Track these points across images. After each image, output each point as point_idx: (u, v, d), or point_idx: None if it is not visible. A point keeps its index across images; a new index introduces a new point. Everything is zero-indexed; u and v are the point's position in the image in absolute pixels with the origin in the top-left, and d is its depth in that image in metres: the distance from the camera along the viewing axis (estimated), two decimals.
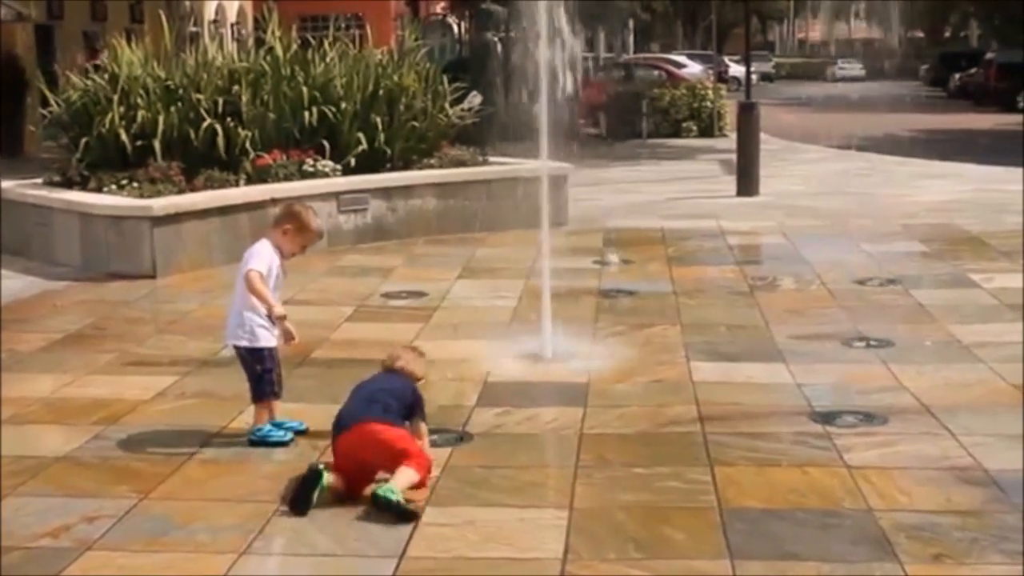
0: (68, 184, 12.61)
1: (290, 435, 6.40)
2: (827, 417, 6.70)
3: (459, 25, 37.31)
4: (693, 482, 5.76)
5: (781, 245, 13.05)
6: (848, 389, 7.31)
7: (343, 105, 13.27)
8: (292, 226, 6.41)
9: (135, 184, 11.85)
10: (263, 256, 6.34)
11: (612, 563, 4.90)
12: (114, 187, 11.91)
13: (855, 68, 75.08)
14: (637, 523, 5.28)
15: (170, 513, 5.47)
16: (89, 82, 13.17)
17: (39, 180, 13.07)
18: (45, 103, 13.62)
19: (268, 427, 6.38)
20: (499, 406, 7.01)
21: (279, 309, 6.23)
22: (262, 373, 6.36)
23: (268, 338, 6.36)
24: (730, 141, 22.80)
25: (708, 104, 29.52)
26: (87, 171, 12.50)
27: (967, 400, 7.08)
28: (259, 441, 6.34)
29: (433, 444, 6.21)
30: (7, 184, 13.45)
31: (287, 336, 6.32)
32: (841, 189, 18.04)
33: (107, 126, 12.52)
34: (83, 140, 12.64)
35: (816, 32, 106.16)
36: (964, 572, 4.80)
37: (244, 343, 6.37)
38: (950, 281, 10.65)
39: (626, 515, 5.37)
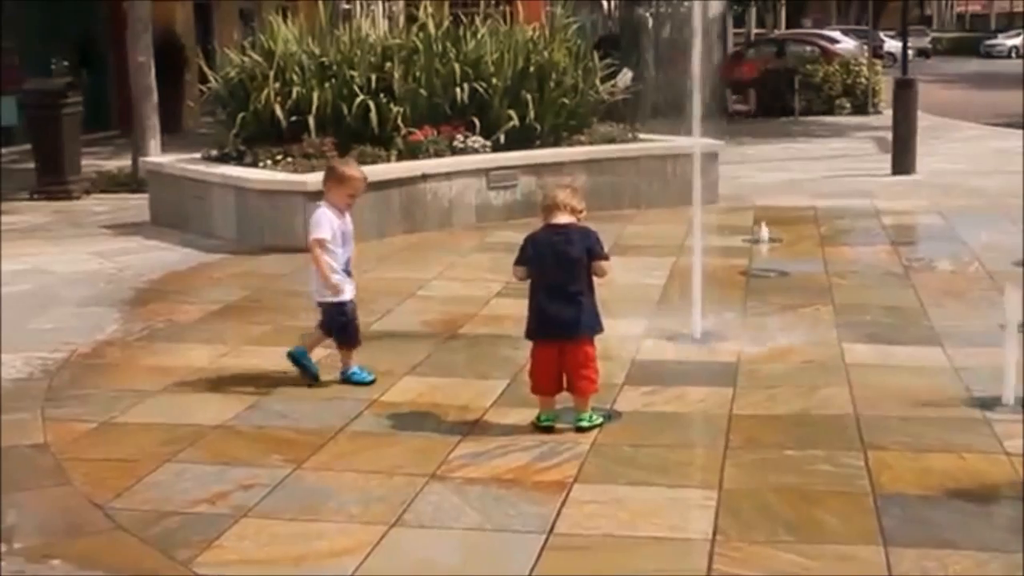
0: (225, 159, 12.90)
1: (373, 376, 7.05)
2: (986, 403, 6.52)
3: (609, 1, 37.11)
4: (846, 466, 5.65)
5: (937, 225, 12.75)
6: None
7: (494, 82, 13.31)
8: (332, 182, 6.99)
9: (289, 159, 12.06)
10: (320, 223, 6.88)
11: (762, 545, 4.84)
12: (269, 162, 12.14)
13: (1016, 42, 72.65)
14: (788, 506, 5.20)
15: (323, 483, 5.57)
16: (246, 59, 13.43)
17: (197, 155, 13.40)
18: (204, 79, 13.91)
19: (356, 368, 7.05)
20: (647, 385, 6.98)
21: (335, 279, 6.84)
22: (346, 324, 6.99)
23: (349, 291, 7.00)
24: (885, 118, 22.33)
25: (863, 80, 28.92)
26: (243, 146, 12.76)
27: None
28: (348, 379, 7.01)
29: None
30: (168, 159, 13.82)
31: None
32: (1000, 168, 17.51)
33: (263, 102, 12.75)
34: (240, 115, 12.88)
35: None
36: None
37: (329, 299, 6.96)
38: None
39: (776, 497, 5.30)
